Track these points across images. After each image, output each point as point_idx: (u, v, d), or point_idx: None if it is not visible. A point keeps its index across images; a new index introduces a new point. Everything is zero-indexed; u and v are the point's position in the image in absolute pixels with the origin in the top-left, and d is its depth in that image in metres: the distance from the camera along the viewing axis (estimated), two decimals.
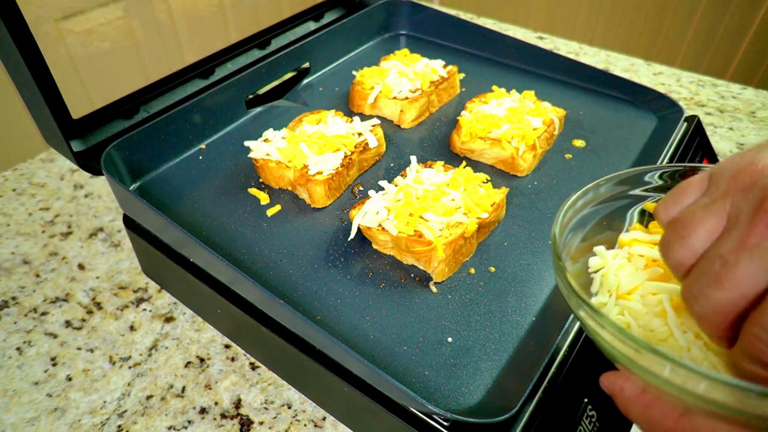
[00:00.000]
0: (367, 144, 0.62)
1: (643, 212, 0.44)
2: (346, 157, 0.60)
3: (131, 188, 0.60)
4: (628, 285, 0.38)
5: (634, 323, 0.36)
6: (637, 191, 0.44)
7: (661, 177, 0.43)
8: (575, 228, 0.41)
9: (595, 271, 0.40)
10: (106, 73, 1.33)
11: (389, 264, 0.53)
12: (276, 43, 0.77)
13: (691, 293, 0.26)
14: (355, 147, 0.61)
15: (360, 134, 0.63)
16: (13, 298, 0.63)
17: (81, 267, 0.66)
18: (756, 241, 0.24)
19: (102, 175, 0.55)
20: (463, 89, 0.78)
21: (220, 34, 1.55)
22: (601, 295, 0.38)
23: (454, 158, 0.65)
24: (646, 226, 0.43)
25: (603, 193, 0.42)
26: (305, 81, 0.77)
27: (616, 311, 0.37)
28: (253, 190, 0.61)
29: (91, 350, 0.57)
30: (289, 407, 0.52)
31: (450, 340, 0.46)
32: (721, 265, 0.25)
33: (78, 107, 0.58)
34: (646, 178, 0.43)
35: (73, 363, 0.56)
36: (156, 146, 0.62)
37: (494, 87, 0.73)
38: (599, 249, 0.41)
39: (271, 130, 0.64)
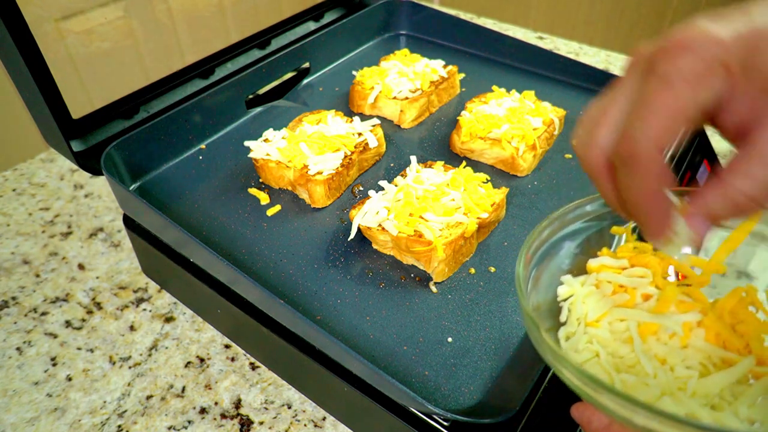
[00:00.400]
0: (367, 144, 0.62)
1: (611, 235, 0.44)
2: (346, 157, 0.60)
3: (131, 188, 0.60)
4: (595, 313, 0.38)
5: (603, 351, 0.36)
6: (610, 213, 0.43)
7: None
8: (544, 257, 0.41)
9: (564, 300, 0.40)
10: (106, 73, 1.33)
11: (389, 264, 0.53)
12: (276, 43, 0.77)
13: (577, 141, 0.31)
14: (355, 147, 0.61)
15: (360, 134, 0.63)
16: (13, 298, 0.63)
17: (81, 267, 0.66)
18: (619, 86, 0.29)
19: (102, 175, 0.55)
20: (463, 89, 0.78)
21: (220, 34, 1.55)
22: (570, 324, 0.39)
23: (454, 158, 0.65)
24: (614, 251, 0.43)
25: (571, 219, 0.42)
26: (305, 81, 0.77)
27: (585, 340, 0.37)
28: (253, 190, 0.61)
29: (91, 350, 0.57)
30: (289, 407, 0.52)
31: (450, 340, 0.46)
32: (596, 110, 0.30)
33: (78, 107, 0.58)
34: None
35: (73, 363, 0.56)
36: (156, 146, 0.62)
37: (494, 87, 0.73)
38: (566, 278, 0.41)
39: (271, 130, 0.64)
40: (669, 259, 0.41)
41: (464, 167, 0.58)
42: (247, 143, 0.62)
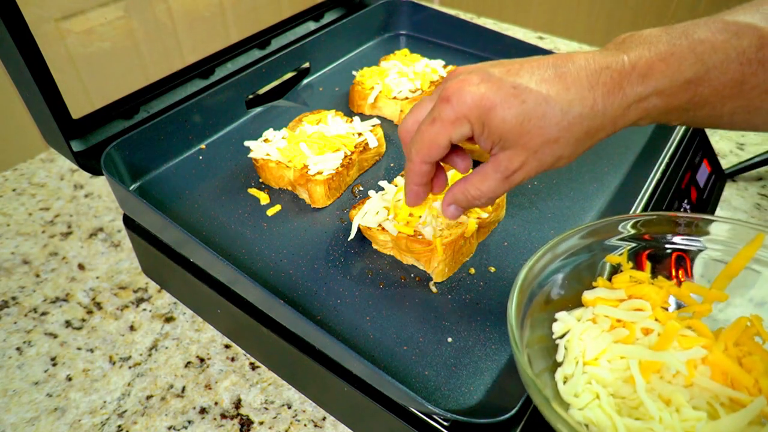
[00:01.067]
0: (367, 144, 0.62)
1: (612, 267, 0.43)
2: (346, 157, 0.60)
3: (131, 188, 0.60)
4: (593, 350, 0.37)
5: (603, 392, 0.35)
6: (603, 243, 0.43)
7: (633, 226, 0.42)
8: (537, 291, 0.40)
9: (560, 337, 0.39)
10: (106, 73, 1.33)
11: (389, 264, 0.53)
12: (276, 43, 0.77)
13: (400, 125, 0.42)
14: (355, 147, 0.61)
15: (360, 134, 0.63)
16: (13, 298, 0.63)
17: (81, 267, 0.66)
18: (429, 96, 0.41)
19: (102, 175, 0.55)
20: None
21: (220, 34, 1.55)
22: (567, 364, 0.37)
23: None
24: (610, 280, 0.41)
25: (563, 251, 0.41)
26: (305, 81, 0.77)
27: (584, 380, 0.36)
28: (253, 190, 0.61)
29: (91, 350, 0.57)
30: (289, 407, 0.52)
31: (450, 340, 0.46)
32: (415, 108, 0.42)
33: (78, 107, 0.58)
34: (615, 228, 0.42)
35: (73, 363, 0.56)
36: (156, 146, 0.62)
37: None
38: (561, 314, 0.40)
39: (271, 130, 0.64)
40: (668, 287, 0.40)
41: None
42: (247, 143, 0.62)
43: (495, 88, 0.36)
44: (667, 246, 0.43)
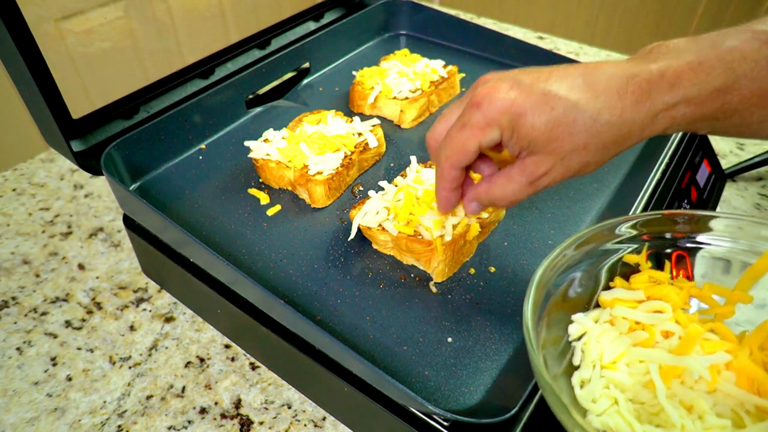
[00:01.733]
0: (367, 144, 0.62)
1: (624, 264, 0.42)
2: (346, 157, 0.60)
3: (131, 188, 0.60)
4: (611, 353, 0.35)
5: (622, 397, 0.33)
6: (621, 242, 0.42)
7: (633, 227, 0.42)
8: (552, 292, 0.39)
9: (577, 339, 0.38)
10: (106, 73, 1.33)
11: (389, 264, 0.53)
12: (276, 43, 0.77)
13: (429, 132, 0.43)
14: (355, 147, 0.61)
15: (360, 134, 0.63)
16: (13, 298, 0.63)
17: (81, 267, 0.66)
18: (459, 101, 0.41)
19: (102, 175, 0.55)
20: (463, 89, 0.78)
21: (220, 34, 1.54)
22: (584, 368, 0.36)
23: None
24: (628, 280, 0.40)
25: (581, 250, 0.40)
26: (305, 81, 0.77)
27: (602, 384, 0.34)
28: (253, 190, 0.61)
29: (91, 350, 0.57)
30: (289, 407, 0.52)
31: (450, 340, 0.46)
32: (445, 113, 0.42)
33: (78, 107, 0.58)
34: (618, 231, 0.42)
35: (73, 363, 0.56)
36: (156, 146, 0.62)
37: None
38: (578, 316, 0.38)
39: (271, 130, 0.64)
40: (688, 288, 0.38)
41: None
42: (247, 143, 0.62)
43: (525, 94, 0.36)
44: (689, 245, 0.41)
